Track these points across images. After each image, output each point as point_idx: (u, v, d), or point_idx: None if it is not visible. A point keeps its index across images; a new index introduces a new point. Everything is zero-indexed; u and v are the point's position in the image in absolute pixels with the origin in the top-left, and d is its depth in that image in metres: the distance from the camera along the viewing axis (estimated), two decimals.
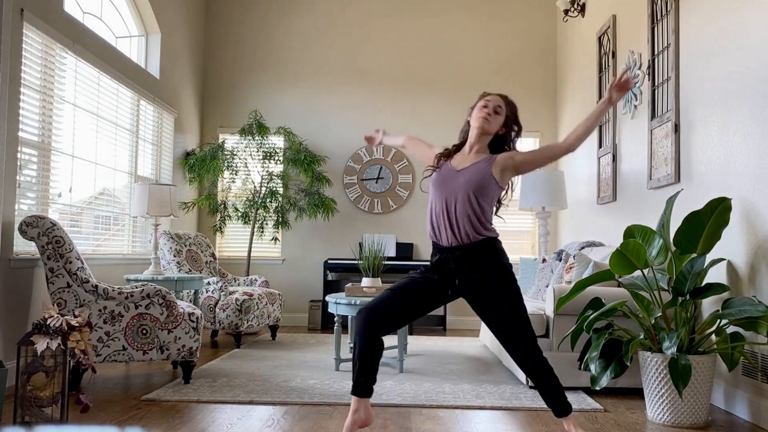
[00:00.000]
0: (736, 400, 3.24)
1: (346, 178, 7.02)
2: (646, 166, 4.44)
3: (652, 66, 4.40)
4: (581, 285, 3.25)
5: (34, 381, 2.83)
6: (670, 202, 3.40)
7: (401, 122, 7.04)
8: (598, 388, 3.06)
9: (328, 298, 4.33)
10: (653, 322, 3.12)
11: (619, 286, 3.66)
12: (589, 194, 5.80)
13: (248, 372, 4.09)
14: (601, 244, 4.95)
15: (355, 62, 7.12)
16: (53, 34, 4.01)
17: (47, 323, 2.86)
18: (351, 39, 7.14)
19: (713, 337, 3.17)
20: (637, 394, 3.56)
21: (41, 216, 3.49)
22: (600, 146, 5.53)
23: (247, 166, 6.51)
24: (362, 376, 2.53)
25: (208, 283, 5.17)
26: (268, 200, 6.37)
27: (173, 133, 6.24)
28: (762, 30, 3.09)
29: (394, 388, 3.70)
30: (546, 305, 3.89)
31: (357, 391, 2.54)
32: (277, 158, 6.49)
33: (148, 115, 5.71)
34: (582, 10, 6.04)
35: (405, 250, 6.81)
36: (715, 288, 3.07)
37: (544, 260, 5.02)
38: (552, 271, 4.83)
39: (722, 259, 3.27)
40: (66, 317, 2.92)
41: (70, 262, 3.49)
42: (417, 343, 5.60)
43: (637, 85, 4.65)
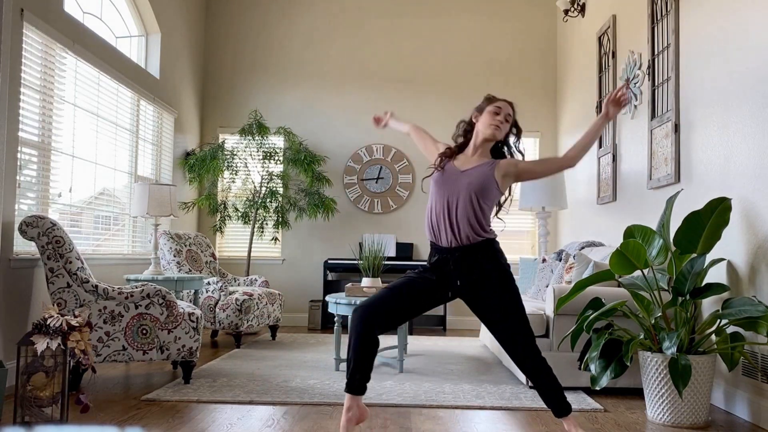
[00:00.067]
0: (736, 400, 3.24)
1: (346, 178, 7.03)
2: (646, 166, 4.44)
3: (652, 66, 4.40)
4: (581, 285, 3.25)
5: (34, 381, 2.83)
6: (670, 202, 3.40)
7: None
8: (598, 388, 3.06)
9: (328, 298, 4.34)
10: (653, 322, 3.12)
11: (619, 286, 3.66)
12: (589, 194, 5.80)
13: (248, 372, 4.09)
14: (601, 244, 4.95)
15: (356, 62, 7.12)
16: (53, 34, 4.01)
17: (47, 323, 2.86)
18: (351, 39, 7.14)
19: (713, 337, 3.17)
20: (637, 394, 3.56)
21: (41, 216, 3.49)
22: (600, 146, 5.53)
23: (247, 166, 6.51)
24: (357, 373, 2.54)
25: (208, 283, 5.17)
26: (268, 200, 6.36)
27: (173, 133, 6.24)
28: (762, 30, 3.09)
29: (394, 388, 3.70)
30: (546, 305, 3.89)
31: (351, 388, 2.55)
32: (277, 158, 6.49)
33: (148, 115, 5.71)
34: (582, 10, 6.04)
35: (405, 250, 6.81)
36: (715, 288, 3.07)
37: (544, 260, 5.02)
38: (552, 271, 4.83)
39: (722, 259, 3.27)
40: (66, 317, 2.92)
41: (70, 262, 3.49)
42: (417, 343, 5.60)
43: (637, 85, 4.65)
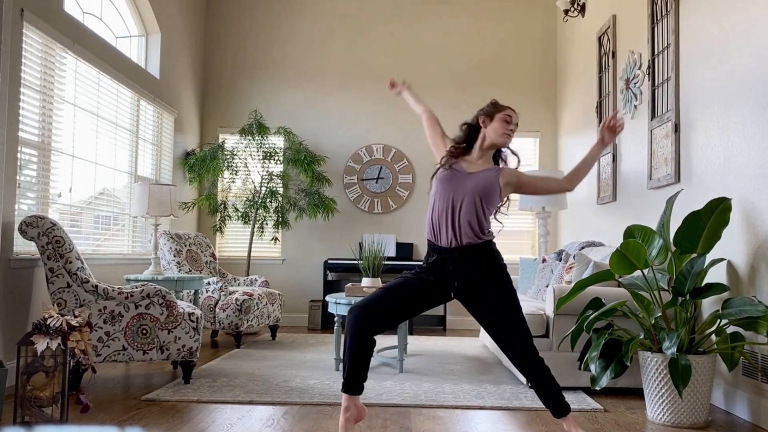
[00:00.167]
0: (736, 400, 3.24)
1: (346, 178, 7.03)
2: (646, 166, 4.44)
3: (652, 66, 4.40)
4: (581, 285, 3.25)
5: (34, 381, 2.83)
6: (670, 202, 3.40)
7: (401, 122, 7.04)
8: (598, 388, 3.06)
9: (328, 298, 4.34)
10: (653, 322, 3.12)
11: (619, 286, 3.66)
12: (589, 194, 5.80)
13: (248, 372, 4.09)
14: (601, 244, 4.95)
15: (356, 62, 7.12)
16: (53, 34, 4.01)
17: (47, 323, 2.86)
18: (351, 39, 7.14)
19: (713, 337, 3.17)
20: (637, 394, 3.56)
21: (41, 216, 3.49)
22: None
23: (247, 166, 6.51)
24: (353, 374, 2.55)
25: (208, 283, 5.17)
26: (268, 200, 6.36)
27: (173, 133, 6.24)
28: (762, 30, 3.09)
29: (394, 388, 3.70)
30: (546, 305, 3.89)
31: (348, 389, 2.56)
32: (277, 158, 6.49)
33: (148, 115, 5.71)
34: (582, 10, 6.04)
35: (405, 250, 6.81)
36: (715, 288, 3.07)
37: (544, 260, 5.02)
38: (552, 271, 4.83)
39: (722, 259, 3.27)
40: (66, 317, 2.92)
41: (70, 262, 3.49)
42: (417, 343, 5.60)
43: (637, 85, 4.65)
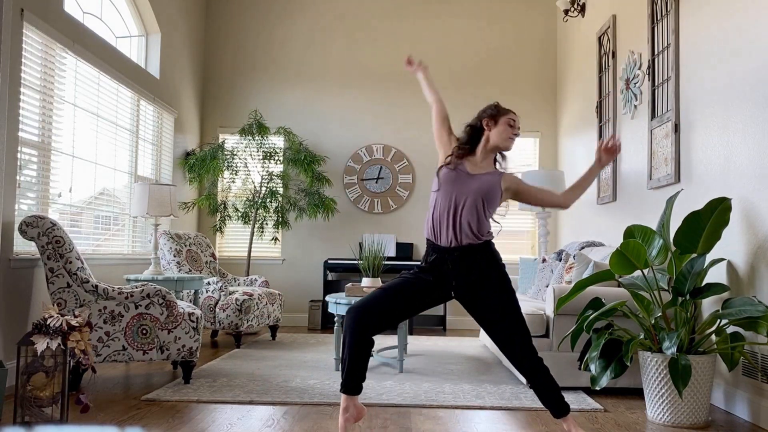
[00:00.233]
0: (736, 400, 3.24)
1: (346, 178, 7.03)
2: (646, 166, 4.44)
3: (652, 66, 4.40)
4: (581, 285, 3.25)
5: (34, 381, 2.83)
6: (670, 202, 3.40)
7: (401, 122, 7.05)
8: (598, 388, 3.06)
9: (328, 298, 4.34)
10: (653, 322, 3.12)
11: (619, 286, 3.66)
12: (589, 194, 5.80)
13: (248, 372, 4.09)
14: (601, 244, 4.95)
15: (356, 62, 7.12)
16: (53, 34, 4.01)
17: (47, 323, 2.86)
18: (351, 39, 7.14)
19: (713, 337, 3.17)
20: (637, 394, 3.56)
21: (41, 216, 3.49)
22: None
23: (247, 166, 6.51)
24: (352, 374, 2.54)
25: (208, 283, 5.17)
26: (268, 200, 6.36)
27: (173, 133, 6.24)
28: (762, 30, 3.09)
29: (394, 388, 3.70)
30: (546, 305, 3.89)
31: (347, 389, 2.56)
32: (277, 158, 6.49)
33: (148, 115, 5.71)
34: (582, 10, 6.04)
35: (405, 250, 6.81)
36: (715, 288, 3.07)
37: (544, 260, 5.02)
38: (552, 271, 4.83)
39: (722, 259, 3.27)
40: (66, 317, 2.92)
41: (70, 262, 3.49)
42: (417, 343, 5.61)
43: (637, 85, 4.65)
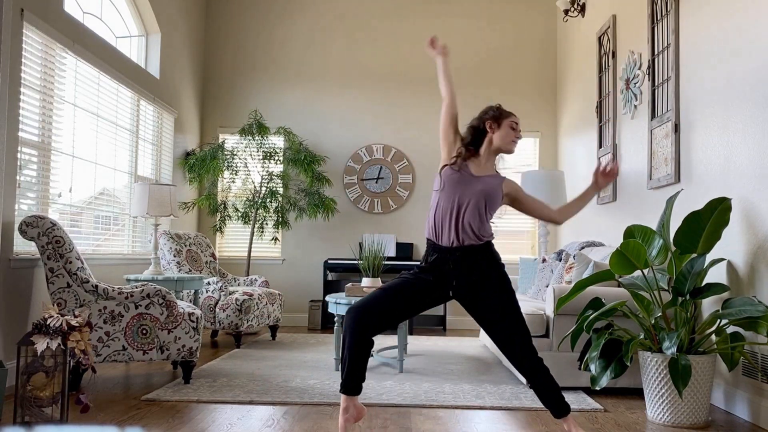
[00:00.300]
0: (736, 400, 3.24)
1: (346, 178, 7.03)
2: (646, 166, 4.44)
3: (652, 66, 4.40)
4: (581, 285, 3.25)
5: (34, 381, 2.83)
6: (670, 202, 3.40)
7: (401, 122, 7.05)
8: (598, 388, 3.06)
9: (328, 298, 4.34)
10: (653, 322, 3.12)
11: (619, 286, 3.66)
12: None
13: (248, 372, 4.09)
14: (601, 244, 4.95)
15: (356, 62, 7.12)
16: (53, 34, 4.01)
17: (47, 323, 2.86)
18: (351, 39, 7.14)
19: (713, 337, 3.17)
20: (637, 394, 3.56)
21: (41, 216, 3.49)
22: (600, 146, 5.53)
23: (247, 166, 6.51)
24: (351, 374, 2.55)
25: (208, 283, 5.17)
26: (268, 200, 6.37)
27: (173, 133, 6.24)
28: (762, 30, 3.09)
29: (394, 388, 3.70)
30: (546, 305, 3.89)
31: (347, 389, 2.56)
32: (277, 158, 6.49)
33: (148, 115, 5.71)
34: (582, 10, 6.04)
35: (405, 250, 6.81)
36: (715, 288, 3.07)
37: (544, 260, 5.02)
38: (552, 271, 4.83)
39: (722, 259, 3.27)
40: (66, 317, 2.92)
41: (70, 262, 3.49)
42: (417, 343, 5.60)
43: (637, 85, 4.65)
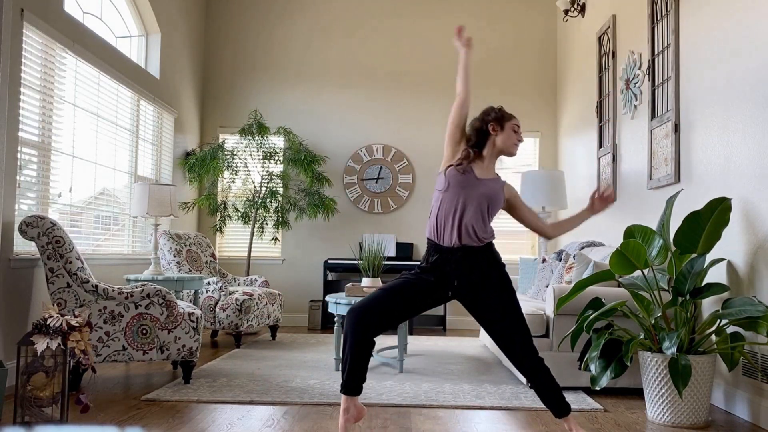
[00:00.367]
0: (736, 400, 3.24)
1: (346, 178, 7.03)
2: (646, 166, 4.44)
3: (652, 66, 4.40)
4: (581, 285, 3.25)
5: (34, 381, 2.83)
6: (670, 202, 3.40)
7: (401, 122, 7.05)
8: (598, 388, 3.06)
9: (328, 298, 4.34)
10: (653, 322, 3.12)
11: (619, 286, 3.66)
12: (588, 194, 5.78)
13: (248, 372, 4.09)
14: (601, 244, 4.95)
15: (356, 62, 7.12)
16: (53, 34, 4.01)
17: (47, 323, 2.86)
18: (351, 39, 7.14)
19: (713, 337, 3.17)
20: (637, 394, 3.56)
21: (41, 216, 3.49)
22: (600, 146, 5.53)
23: (247, 166, 6.51)
24: (352, 375, 2.55)
25: (208, 283, 5.17)
26: (268, 200, 6.36)
27: (173, 133, 6.24)
28: (762, 30, 3.09)
29: (394, 388, 3.70)
30: (546, 305, 3.89)
31: (347, 390, 2.56)
32: (277, 158, 6.49)
33: (148, 115, 5.71)
34: (582, 10, 6.04)
35: (405, 250, 6.81)
36: (715, 288, 3.07)
37: (544, 260, 5.02)
38: (552, 271, 4.83)
39: (722, 259, 3.27)
40: (66, 317, 2.92)
41: (70, 262, 3.49)
42: (417, 343, 5.60)
43: (637, 85, 4.65)
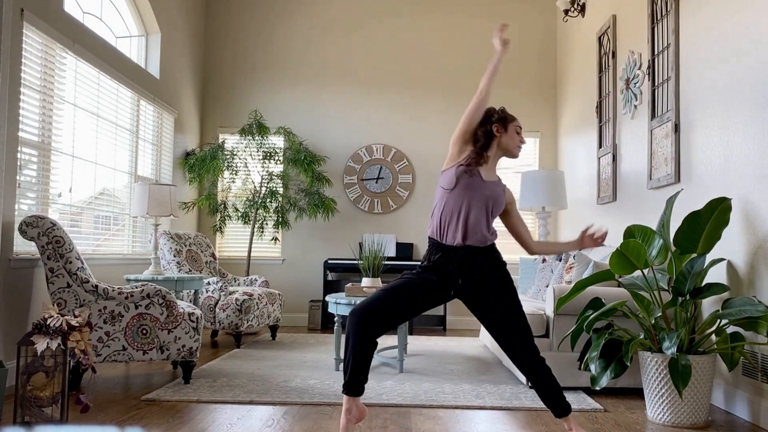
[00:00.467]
0: (736, 400, 3.24)
1: (346, 178, 7.02)
2: (646, 166, 4.44)
3: (652, 66, 4.40)
4: (581, 285, 3.26)
5: (34, 381, 2.83)
6: (670, 202, 3.40)
7: (401, 122, 7.05)
8: (598, 388, 3.06)
9: (328, 298, 4.34)
10: (653, 322, 3.12)
11: (619, 286, 3.66)
12: (589, 194, 5.80)
13: (248, 372, 4.09)
14: (601, 244, 4.95)
15: (355, 62, 7.12)
16: (53, 34, 4.01)
17: (47, 323, 2.86)
18: (351, 39, 7.14)
19: (713, 337, 3.17)
20: (637, 394, 3.56)
21: (41, 216, 3.49)
22: (600, 146, 5.53)
23: (247, 166, 6.51)
24: (355, 375, 2.55)
25: (208, 283, 5.17)
26: (268, 200, 6.37)
27: (173, 133, 6.24)
28: (762, 30, 3.09)
29: (394, 388, 3.70)
30: (546, 305, 3.89)
31: (349, 390, 2.56)
32: (277, 158, 6.49)
33: (148, 115, 5.71)
34: (582, 10, 6.04)
35: (405, 250, 6.81)
36: (715, 288, 3.07)
37: (544, 260, 5.02)
38: (552, 271, 4.83)
39: (722, 259, 3.27)
40: (66, 317, 2.92)
41: (70, 262, 3.49)
42: (417, 343, 5.60)
43: (637, 85, 4.65)
